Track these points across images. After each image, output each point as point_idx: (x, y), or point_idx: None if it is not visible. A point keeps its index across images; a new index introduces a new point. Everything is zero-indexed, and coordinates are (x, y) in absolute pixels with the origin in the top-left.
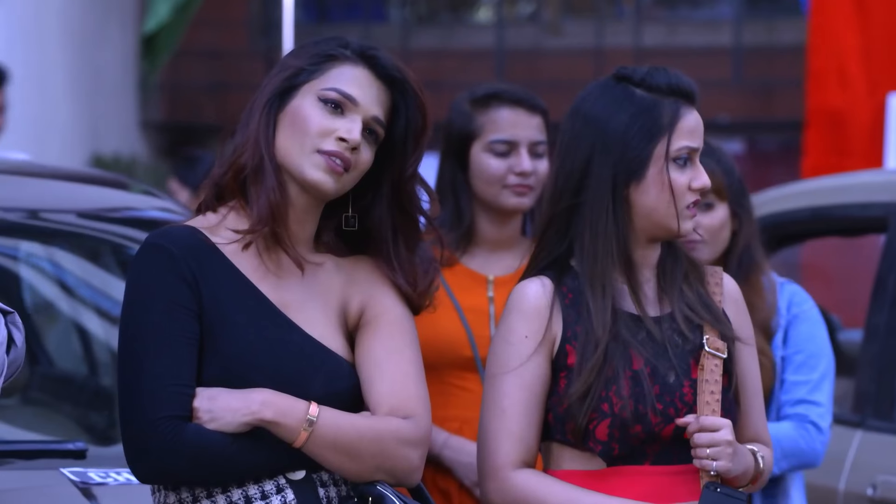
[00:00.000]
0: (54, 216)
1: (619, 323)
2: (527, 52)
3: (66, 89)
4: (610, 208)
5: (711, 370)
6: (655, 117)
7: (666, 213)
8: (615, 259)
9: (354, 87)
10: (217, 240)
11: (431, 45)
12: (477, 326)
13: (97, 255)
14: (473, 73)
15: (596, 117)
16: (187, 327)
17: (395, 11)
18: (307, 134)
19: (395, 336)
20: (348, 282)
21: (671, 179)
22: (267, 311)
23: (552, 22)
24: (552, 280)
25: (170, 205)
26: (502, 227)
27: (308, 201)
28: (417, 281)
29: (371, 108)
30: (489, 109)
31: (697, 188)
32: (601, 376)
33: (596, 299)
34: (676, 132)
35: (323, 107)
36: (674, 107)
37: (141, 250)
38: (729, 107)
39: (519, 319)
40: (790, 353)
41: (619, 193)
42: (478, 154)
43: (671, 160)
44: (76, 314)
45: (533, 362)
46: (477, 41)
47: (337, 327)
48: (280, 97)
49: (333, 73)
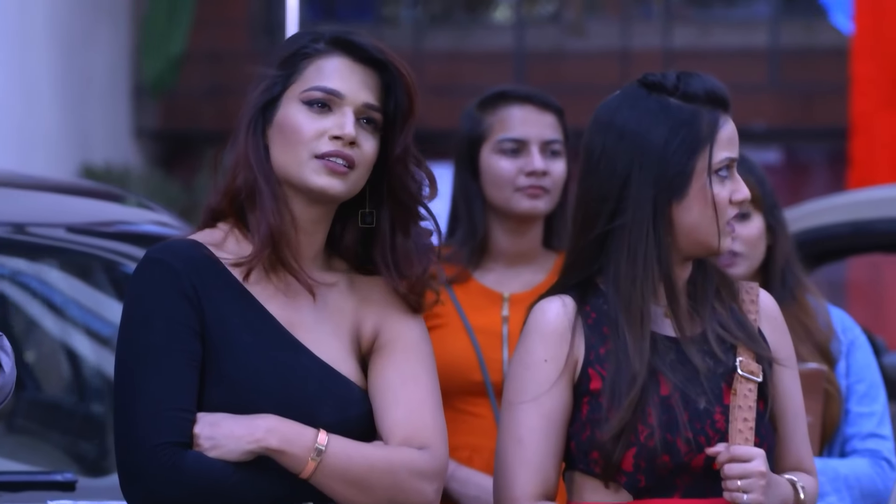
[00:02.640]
0: (42, 231)
1: (649, 347)
2: (548, 53)
3: (53, 95)
4: (650, 229)
5: (745, 395)
6: (696, 129)
7: (708, 231)
8: (656, 282)
9: (336, 80)
10: (222, 255)
11: (446, 47)
12: (488, 349)
13: (88, 273)
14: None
15: (633, 132)
16: (188, 348)
17: (407, 11)
18: (300, 142)
19: (410, 361)
20: (362, 302)
21: (714, 194)
22: (274, 332)
23: (575, 22)
24: (575, 299)
25: (166, 218)
26: (519, 237)
27: (317, 212)
28: (413, 268)
29: (359, 96)
30: (497, 109)
31: (738, 201)
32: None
33: (633, 328)
34: (717, 143)
35: (309, 109)
36: (712, 116)
37: (140, 265)
38: (765, 113)
39: (538, 342)
40: (852, 383)
41: (661, 213)
42: (487, 157)
43: (713, 173)
44: (65, 336)
45: (553, 388)
46: (494, 42)
47: (349, 350)
48: (263, 112)
49: (310, 71)
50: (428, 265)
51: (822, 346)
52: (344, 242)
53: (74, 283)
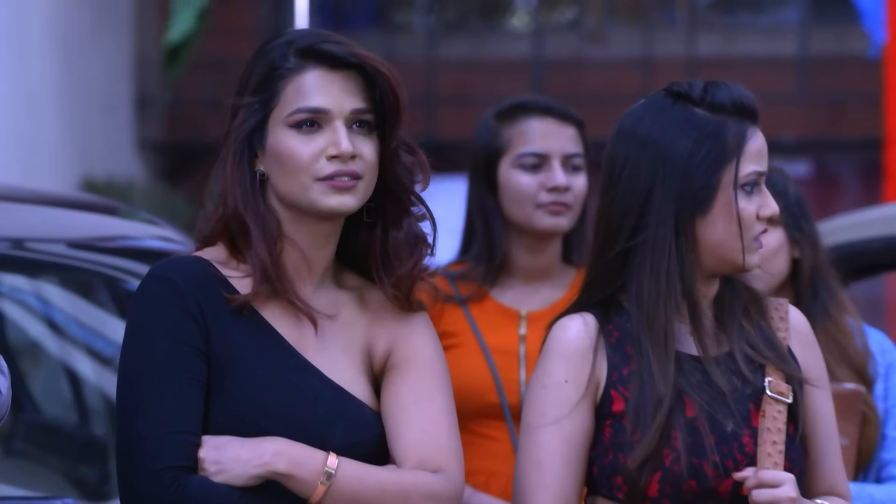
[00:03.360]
0: (41, 246)
1: (675, 368)
2: (567, 62)
3: (53, 105)
4: (673, 244)
5: (774, 417)
6: (722, 141)
7: (733, 247)
8: (678, 300)
9: (317, 96)
10: (228, 273)
11: (460, 56)
12: (505, 369)
13: (89, 290)
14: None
15: (656, 142)
16: (193, 368)
17: (420, 18)
18: (298, 168)
19: (425, 381)
20: (374, 319)
21: (739, 209)
22: (283, 352)
23: (595, 29)
24: (597, 317)
25: (170, 233)
26: (538, 254)
27: (328, 227)
28: (402, 263)
29: (344, 105)
30: (516, 121)
31: (766, 216)
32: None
33: (657, 347)
34: (744, 156)
35: (298, 132)
36: (739, 128)
37: (144, 282)
38: (794, 124)
39: (558, 362)
40: (890, 406)
41: (684, 227)
42: (506, 171)
43: (739, 188)
44: (65, 355)
45: (574, 411)
46: (511, 51)
47: (361, 370)
48: (249, 142)
49: (289, 92)
50: (419, 260)
51: (859, 367)
52: (357, 247)
53: (75, 300)
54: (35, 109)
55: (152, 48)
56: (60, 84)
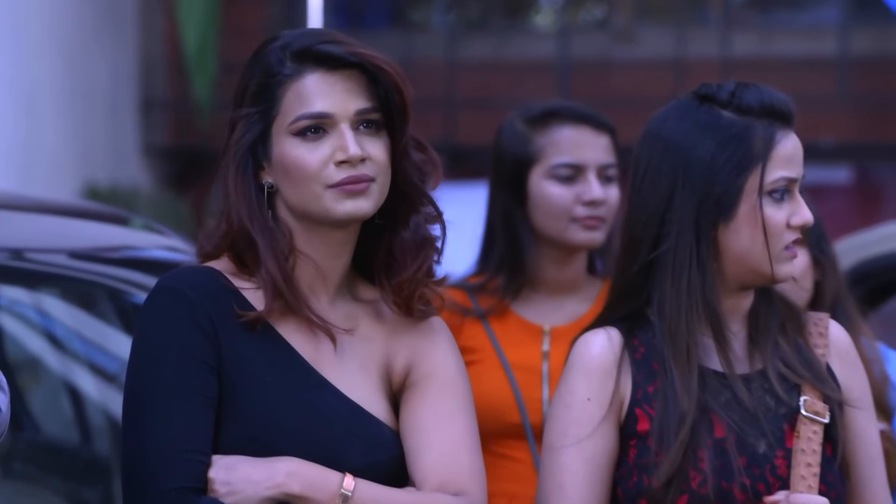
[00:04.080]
0: (41, 256)
1: (704, 387)
2: (594, 63)
3: (54, 108)
4: (694, 254)
5: (809, 438)
6: (747, 145)
7: (759, 257)
8: (700, 313)
9: (319, 101)
10: (240, 283)
11: (482, 56)
12: (527, 387)
13: (91, 303)
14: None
15: (677, 146)
16: (204, 384)
17: (439, 16)
18: (307, 178)
19: (446, 399)
20: (392, 334)
21: (765, 217)
22: (297, 368)
23: (624, 28)
24: (621, 332)
25: (177, 243)
26: (566, 267)
27: (344, 234)
28: (407, 265)
29: (348, 107)
30: (549, 129)
31: (798, 225)
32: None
33: (679, 362)
34: (772, 161)
35: (302, 140)
36: (768, 131)
37: (152, 294)
38: (834, 128)
39: (580, 379)
40: None
41: (706, 235)
42: (538, 182)
43: (766, 194)
44: (67, 371)
45: (597, 430)
46: (536, 51)
47: (379, 388)
48: (252, 154)
49: (289, 99)
50: (424, 263)
51: (878, 397)
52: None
53: (77, 313)
54: (34, 112)
55: (158, 48)
56: (61, 86)
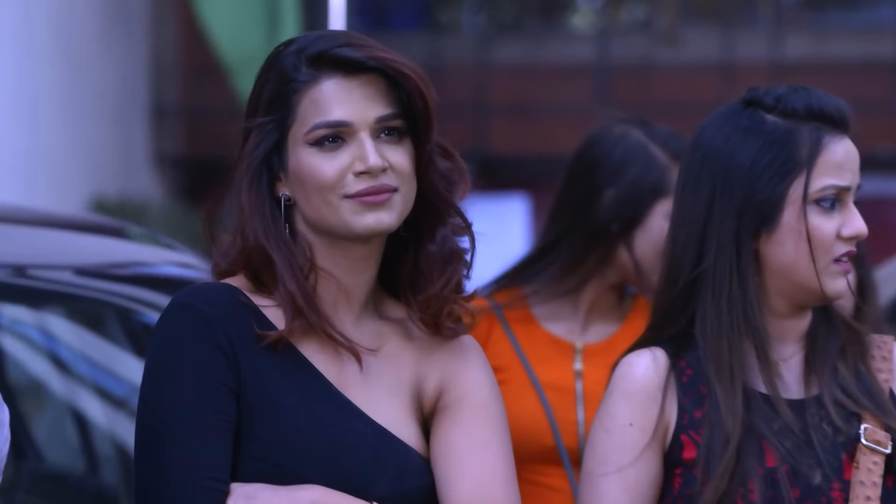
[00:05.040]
0: (45, 273)
1: (751, 409)
2: (635, 67)
3: (59, 115)
4: (734, 268)
5: (869, 469)
6: (790, 149)
7: (806, 271)
8: (742, 330)
9: (337, 108)
10: (260, 301)
11: (516, 60)
12: (561, 408)
13: (99, 322)
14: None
15: (717, 152)
16: (222, 408)
17: (470, 17)
18: (322, 188)
19: (480, 424)
20: (422, 354)
21: (810, 226)
22: (322, 391)
23: (668, 30)
24: (668, 353)
25: (191, 258)
26: (613, 293)
27: (367, 248)
28: (433, 281)
29: (368, 114)
30: None
31: (849, 236)
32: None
33: (723, 382)
34: (818, 168)
35: (319, 150)
36: (814, 135)
37: (167, 312)
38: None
39: (622, 403)
40: None
41: (746, 247)
42: (660, 216)
43: (811, 203)
44: (73, 396)
45: (640, 458)
46: (573, 54)
47: (409, 411)
48: (267, 165)
49: (305, 107)
50: (452, 278)
51: None
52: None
53: (83, 334)
54: (38, 119)
55: (170, 51)
56: (67, 91)
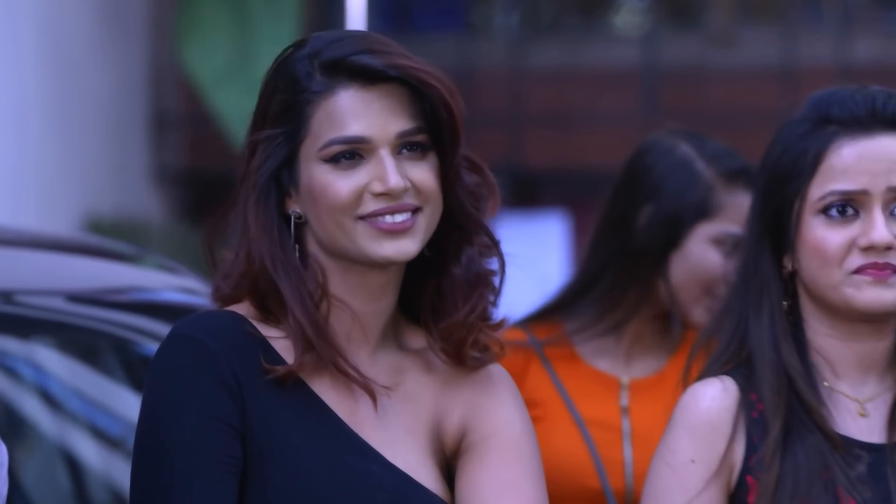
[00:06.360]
0: (34, 300)
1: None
2: (687, 71)
3: (48, 127)
4: (768, 285)
5: None
6: (796, 155)
7: (826, 284)
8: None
9: (354, 122)
10: (268, 332)
11: (554, 64)
12: (606, 447)
13: (93, 354)
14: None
15: (761, 167)
16: (226, 449)
17: (503, 18)
18: (334, 209)
19: (510, 465)
20: (445, 388)
21: (812, 239)
22: (334, 430)
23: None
24: (738, 383)
25: (194, 283)
26: (659, 324)
27: (383, 277)
28: (458, 308)
29: (388, 129)
30: (735, 189)
31: (865, 246)
32: None
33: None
34: (820, 174)
35: (334, 167)
36: (822, 138)
37: (166, 344)
38: None
39: (684, 437)
40: None
41: (776, 261)
42: (701, 240)
43: (817, 213)
44: (63, 435)
45: (701, 497)
46: (617, 58)
47: (429, 453)
48: (276, 182)
49: (319, 120)
50: (479, 305)
51: None
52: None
53: (76, 366)
54: (26, 131)
55: (171, 56)
56: (57, 100)
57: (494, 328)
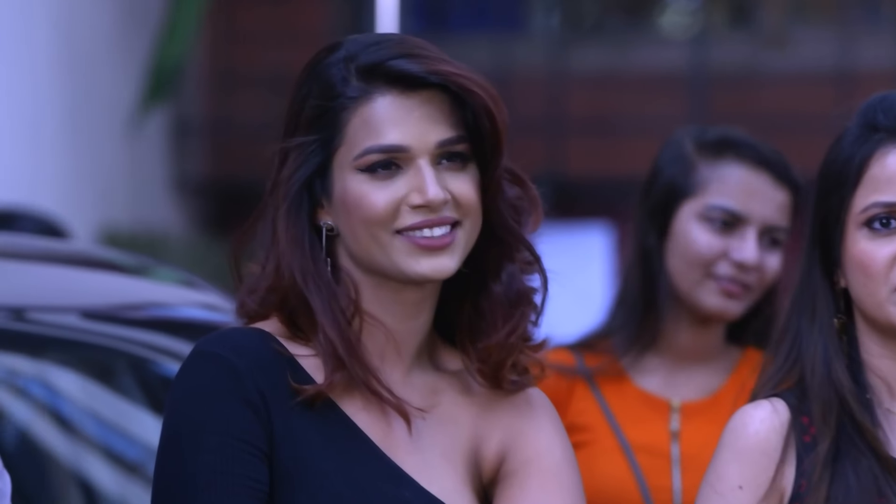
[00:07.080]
0: (48, 317)
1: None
2: (737, 74)
3: (63, 132)
4: (820, 299)
5: None
6: (841, 165)
7: (871, 301)
8: (844, 379)
9: (392, 130)
10: (296, 350)
11: (596, 67)
12: (654, 474)
13: (110, 374)
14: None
15: (818, 174)
16: (252, 473)
17: (542, 19)
18: (371, 222)
19: (550, 493)
20: (483, 412)
21: (859, 252)
22: (366, 454)
23: (775, 32)
24: (790, 406)
25: (216, 299)
26: (700, 331)
27: (419, 294)
28: (497, 328)
29: (428, 138)
30: (719, 162)
31: None
32: None
33: (826, 438)
34: (863, 184)
35: (370, 177)
36: (867, 147)
37: (189, 362)
38: None
39: (732, 461)
40: None
41: (827, 275)
42: (686, 219)
43: (860, 226)
44: (78, 459)
45: None
46: (663, 60)
47: (465, 479)
48: (308, 191)
49: (355, 127)
50: (519, 325)
51: None
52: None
53: (92, 387)
54: (39, 138)
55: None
56: (71, 105)
57: (536, 349)
